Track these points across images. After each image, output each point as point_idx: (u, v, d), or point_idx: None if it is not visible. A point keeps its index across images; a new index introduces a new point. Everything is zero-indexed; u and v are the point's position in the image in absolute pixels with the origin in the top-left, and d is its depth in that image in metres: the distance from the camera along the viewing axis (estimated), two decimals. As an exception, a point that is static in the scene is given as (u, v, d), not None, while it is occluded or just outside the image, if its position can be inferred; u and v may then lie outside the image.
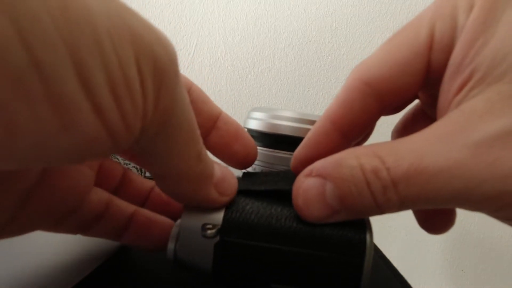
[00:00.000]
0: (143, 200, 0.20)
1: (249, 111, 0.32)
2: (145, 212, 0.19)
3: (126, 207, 0.18)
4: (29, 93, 0.06)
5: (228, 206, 0.15)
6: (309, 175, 0.13)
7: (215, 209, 0.15)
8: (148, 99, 0.09)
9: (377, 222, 0.18)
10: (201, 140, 0.13)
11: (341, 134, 0.15)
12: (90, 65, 0.07)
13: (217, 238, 0.14)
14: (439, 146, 0.11)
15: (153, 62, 0.09)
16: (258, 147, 0.32)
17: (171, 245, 0.15)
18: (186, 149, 0.12)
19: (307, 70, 0.64)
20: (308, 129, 0.29)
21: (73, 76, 0.07)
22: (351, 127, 0.15)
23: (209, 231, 0.14)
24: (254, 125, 0.31)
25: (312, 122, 0.29)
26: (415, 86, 0.14)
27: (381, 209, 0.12)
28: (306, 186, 0.13)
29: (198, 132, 0.12)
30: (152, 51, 0.09)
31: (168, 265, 0.15)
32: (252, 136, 0.33)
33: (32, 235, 0.22)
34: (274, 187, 0.15)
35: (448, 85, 0.13)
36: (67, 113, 0.07)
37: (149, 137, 0.10)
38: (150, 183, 0.21)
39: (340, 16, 0.62)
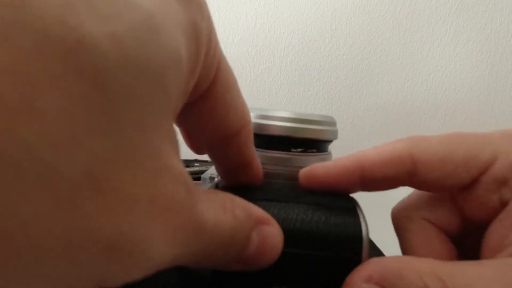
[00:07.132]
0: None
1: None
2: None
3: None
4: None
5: None
6: (369, 281, 0.13)
7: None
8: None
9: (376, 221, 0.19)
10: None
11: (361, 179, 0.15)
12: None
13: None
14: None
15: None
16: None
17: None
18: (238, 98, 0.13)
19: (307, 70, 0.64)
20: (299, 128, 0.29)
21: None
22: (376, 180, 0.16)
23: None
24: None
25: (302, 121, 0.29)
26: None
27: None
28: None
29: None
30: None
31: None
32: None
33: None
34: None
35: (499, 233, 0.14)
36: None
37: (210, 84, 0.11)
38: None
39: (340, 16, 0.62)
